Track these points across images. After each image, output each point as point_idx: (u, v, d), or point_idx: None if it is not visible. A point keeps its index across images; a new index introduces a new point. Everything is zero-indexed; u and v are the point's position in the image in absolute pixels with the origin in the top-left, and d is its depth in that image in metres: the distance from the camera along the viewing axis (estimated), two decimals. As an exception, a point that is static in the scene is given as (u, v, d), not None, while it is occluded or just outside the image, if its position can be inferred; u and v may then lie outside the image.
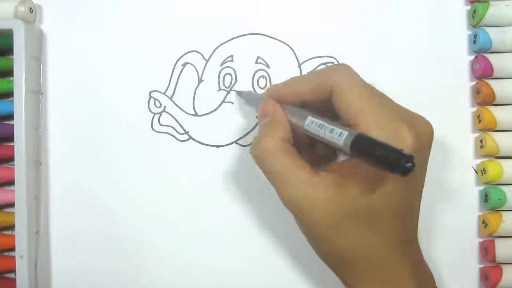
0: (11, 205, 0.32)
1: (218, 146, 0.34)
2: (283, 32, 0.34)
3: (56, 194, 0.34)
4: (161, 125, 0.34)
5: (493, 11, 0.32)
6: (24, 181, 0.32)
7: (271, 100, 0.28)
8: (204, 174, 0.34)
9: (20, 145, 0.32)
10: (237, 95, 0.34)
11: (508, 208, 0.33)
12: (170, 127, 0.34)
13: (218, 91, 0.34)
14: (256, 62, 0.34)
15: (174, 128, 0.34)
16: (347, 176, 0.25)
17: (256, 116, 0.34)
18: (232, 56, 0.34)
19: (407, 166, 0.20)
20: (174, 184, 0.34)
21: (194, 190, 0.34)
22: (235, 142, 0.34)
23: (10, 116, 0.32)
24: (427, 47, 0.34)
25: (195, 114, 0.34)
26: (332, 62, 0.34)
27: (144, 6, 0.34)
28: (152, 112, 0.34)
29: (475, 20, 0.33)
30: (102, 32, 0.34)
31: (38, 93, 0.34)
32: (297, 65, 0.34)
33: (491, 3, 0.33)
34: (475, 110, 0.34)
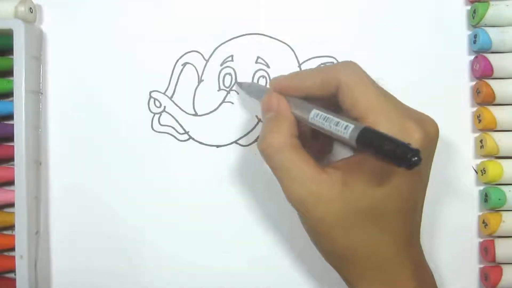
0: (11, 205, 0.32)
1: (218, 146, 0.34)
2: (283, 32, 0.34)
3: (56, 194, 0.34)
4: (161, 125, 0.34)
5: (493, 11, 0.32)
6: (24, 181, 0.32)
7: (275, 93, 0.28)
8: (204, 174, 0.34)
9: (20, 145, 0.32)
10: (237, 86, 0.34)
11: (508, 208, 0.33)
12: (170, 127, 0.34)
13: (218, 91, 0.34)
14: (256, 62, 0.34)
15: (174, 128, 0.34)
16: (352, 173, 0.25)
17: (256, 116, 0.34)
18: (232, 56, 0.34)
19: (414, 160, 0.20)
20: (174, 184, 0.34)
21: (194, 190, 0.34)
22: (235, 142, 0.34)
23: (10, 116, 0.32)
24: (427, 47, 0.34)
25: (195, 114, 0.34)
26: (332, 62, 0.34)
27: (144, 6, 0.34)
28: (152, 112, 0.34)
29: (475, 20, 0.33)
30: (102, 32, 0.34)
31: (38, 93, 0.34)
32: (297, 65, 0.34)
33: (491, 3, 0.33)
34: (475, 110, 0.34)
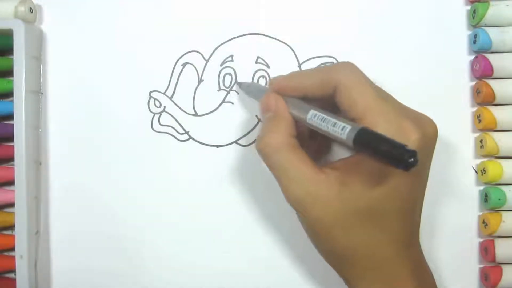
0: (11, 205, 0.32)
1: (218, 146, 0.34)
2: (283, 32, 0.34)
3: (56, 194, 0.34)
4: (161, 125, 0.34)
5: (493, 11, 0.32)
6: (24, 181, 0.31)
7: (273, 94, 0.28)
8: (204, 174, 0.34)
9: (20, 145, 0.32)
10: (237, 86, 0.34)
11: (508, 208, 0.33)
12: (170, 127, 0.34)
13: (218, 91, 0.34)
14: (256, 62, 0.34)
15: (174, 128, 0.34)
16: (350, 173, 0.25)
17: (256, 116, 0.34)
18: (232, 56, 0.34)
19: (410, 161, 0.20)
20: (174, 184, 0.34)
21: (194, 190, 0.34)
22: (235, 142, 0.34)
23: (10, 116, 0.32)
24: (427, 47, 0.34)
25: (195, 114, 0.34)
26: (332, 62, 0.34)
27: (144, 6, 0.34)
28: (152, 112, 0.34)
29: (475, 20, 0.33)
30: (102, 32, 0.34)
31: (38, 93, 0.34)
32: (297, 65, 0.34)
33: (491, 3, 0.33)
34: (475, 110, 0.34)
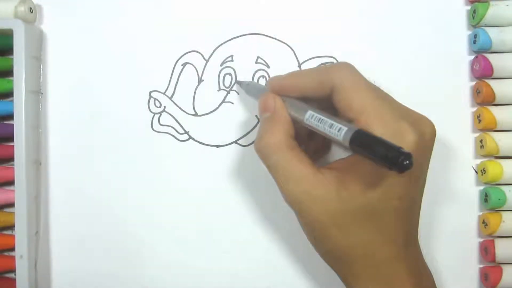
0: (11, 205, 0.32)
1: (218, 146, 0.34)
2: (283, 32, 0.34)
3: (56, 194, 0.34)
4: (161, 125, 0.34)
5: (493, 11, 0.32)
6: (24, 181, 0.31)
7: (272, 94, 0.28)
8: (204, 174, 0.34)
9: (20, 145, 0.32)
10: (237, 84, 0.34)
11: (508, 208, 0.33)
12: (170, 127, 0.34)
13: (218, 91, 0.34)
14: (256, 62, 0.34)
15: (174, 128, 0.34)
16: (348, 173, 0.25)
17: (256, 116, 0.34)
18: (232, 56, 0.34)
19: (405, 163, 0.20)
20: (174, 184, 0.34)
21: (194, 190, 0.34)
22: (235, 142, 0.34)
23: (10, 116, 0.32)
24: (427, 47, 0.34)
25: (195, 114, 0.34)
26: (332, 62, 0.34)
27: (144, 6, 0.34)
28: (152, 112, 0.34)
29: (475, 20, 0.33)
30: (102, 32, 0.34)
31: (38, 93, 0.34)
32: (297, 65, 0.34)
33: (491, 3, 0.33)
34: (475, 110, 0.34)
